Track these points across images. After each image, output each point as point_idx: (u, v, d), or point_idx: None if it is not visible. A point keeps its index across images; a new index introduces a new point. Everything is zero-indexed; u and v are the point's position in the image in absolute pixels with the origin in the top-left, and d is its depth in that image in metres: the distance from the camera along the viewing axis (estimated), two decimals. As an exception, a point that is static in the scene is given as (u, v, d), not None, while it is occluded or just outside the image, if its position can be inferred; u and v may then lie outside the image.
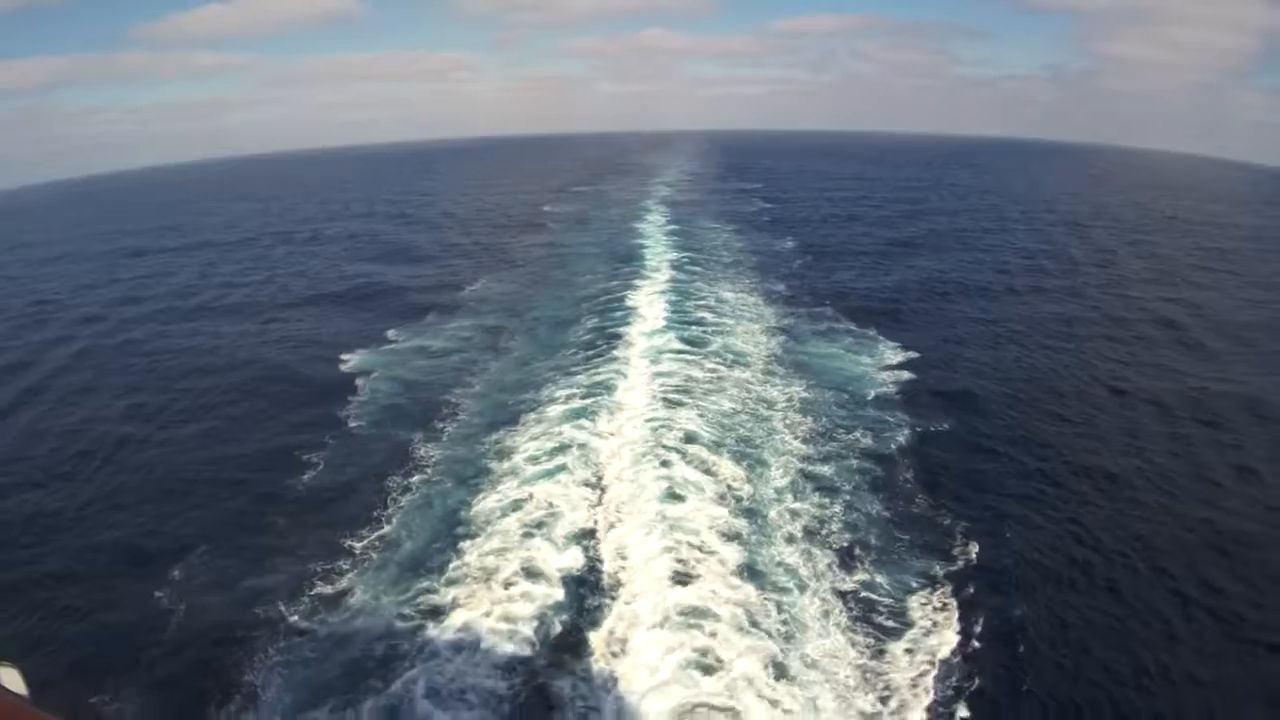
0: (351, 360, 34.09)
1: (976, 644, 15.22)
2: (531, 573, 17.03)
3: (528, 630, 15.18)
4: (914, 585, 17.06)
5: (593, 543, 18.23)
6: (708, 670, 14.05)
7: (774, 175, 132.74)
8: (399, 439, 25.31)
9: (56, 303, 51.87)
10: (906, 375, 30.09)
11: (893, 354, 32.63)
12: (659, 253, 53.84)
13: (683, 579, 16.56)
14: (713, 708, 13.08)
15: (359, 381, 31.12)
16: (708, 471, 21.49)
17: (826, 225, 73.34)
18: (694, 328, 34.90)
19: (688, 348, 31.94)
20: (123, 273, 62.51)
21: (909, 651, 14.91)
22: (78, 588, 18.35)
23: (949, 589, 16.89)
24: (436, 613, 15.85)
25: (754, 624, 15.24)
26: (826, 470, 22.16)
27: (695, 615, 15.37)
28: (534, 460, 22.45)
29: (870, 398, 27.79)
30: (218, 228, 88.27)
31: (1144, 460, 24.25)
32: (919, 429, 25.26)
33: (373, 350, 35.54)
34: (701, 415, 25.07)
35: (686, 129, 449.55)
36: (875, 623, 15.71)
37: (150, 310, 47.94)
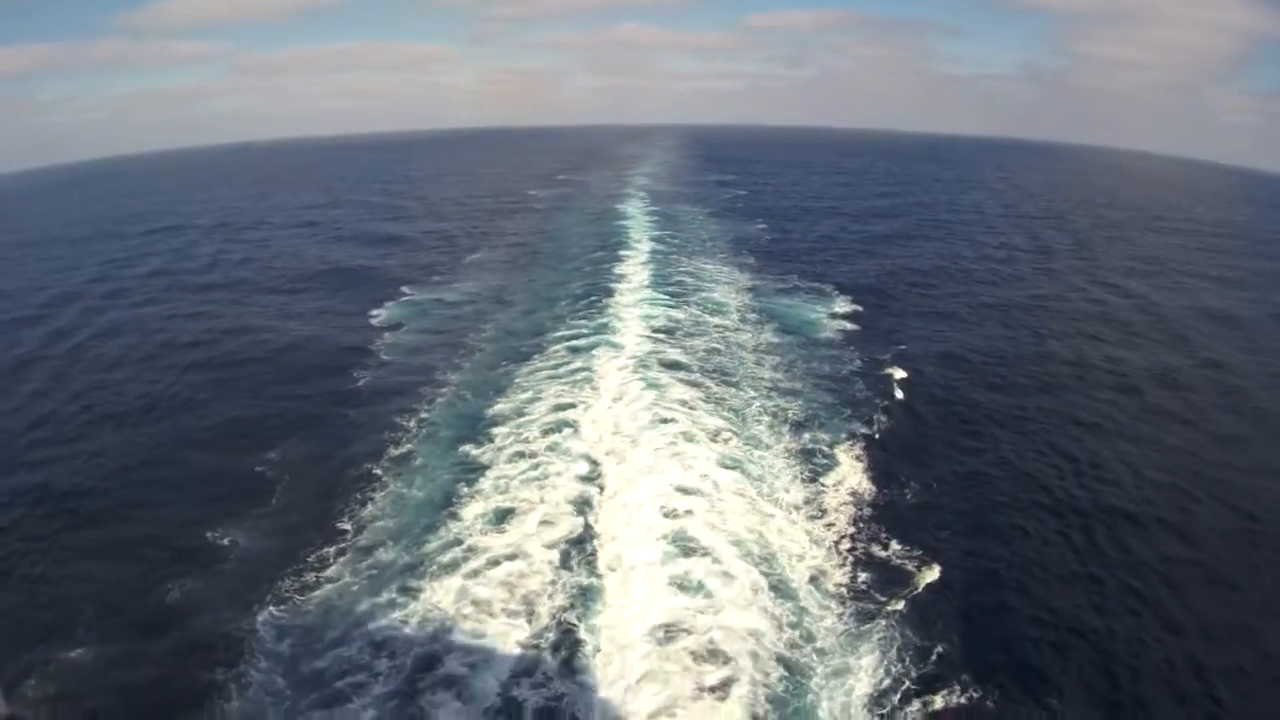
0: (380, 315, 39.25)
1: (881, 476, 21.88)
2: (558, 450, 22.45)
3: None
4: (843, 440, 24.00)
5: (600, 438, 23.35)
6: (689, 492, 19.74)
7: (748, 168, 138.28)
8: (428, 366, 30.77)
9: (121, 264, 55.94)
10: (850, 324, 36.77)
11: (840, 306, 39.39)
12: (641, 229, 59.48)
13: (678, 455, 21.93)
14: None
15: (386, 334, 36.21)
16: (694, 385, 27.02)
17: (792, 210, 79.29)
18: (675, 285, 40.92)
19: (670, 299, 37.73)
20: (160, 247, 65.22)
21: (836, 484, 21.20)
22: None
23: (863, 445, 23.90)
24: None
25: (736, 467, 21.21)
26: (786, 382, 28.51)
27: (691, 489, 20.56)
28: (554, 377, 27.76)
29: (822, 336, 34.41)
30: (222, 212, 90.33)
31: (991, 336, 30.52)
32: (857, 353, 32.09)
33: (396, 304, 40.80)
34: (686, 349, 30.78)
35: (663, 123, 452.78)
36: (816, 463, 22.42)
37: (201, 281, 51.58)
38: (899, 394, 28.34)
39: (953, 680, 14.75)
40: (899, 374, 30.20)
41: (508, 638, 15.15)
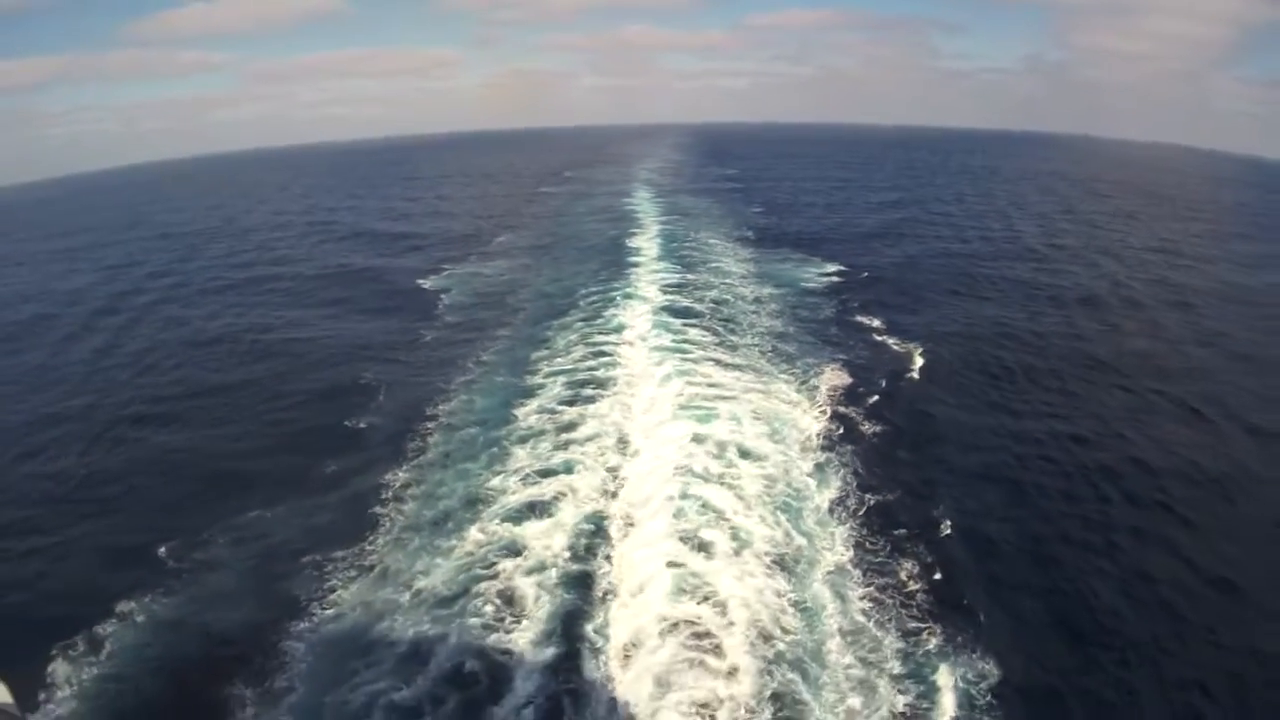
0: (427, 282, 45.50)
1: (857, 409, 26.93)
2: (584, 382, 28.34)
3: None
4: (825, 365, 29.43)
5: (622, 375, 28.11)
6: (709, 415, 25.46)
7: (749, 161, 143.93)
8: (477, 326, 36.52)
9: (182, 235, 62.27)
10: (834, 279, 43.13)
11: (827, 267, 45.77)
12: (650, 215, 65.60)
13: (684, 372, 27.59)
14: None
15: (442, 296, 42.44)
16: (706, 329, 32.86)
17: (787, 197, 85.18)
18: (685, 255, 47.02)
19: (681, 266, 43.80)
20: (216, 248, 72.54)
21: (819, 408, 25.60)
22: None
23: (845, 369, 29.16)
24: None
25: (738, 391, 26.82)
26: (782, 327, 34.28)
27: (705, 395, 26.06)
28: (585, 337, 32.68)
29: (812, 288, 40.87)
30: (270, 211, 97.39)
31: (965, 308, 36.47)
32: (842, 303, 38.26)
33: (441, 276, 47.01)
34: (698, 301, 36.74)
35: (668, 122, 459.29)
36: (808, 384, 27.40)
37: (275, 255, 58.43)
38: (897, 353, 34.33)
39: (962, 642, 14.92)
40: (917, 354, 32.06)
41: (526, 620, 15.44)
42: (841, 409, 25.44)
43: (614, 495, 19.61)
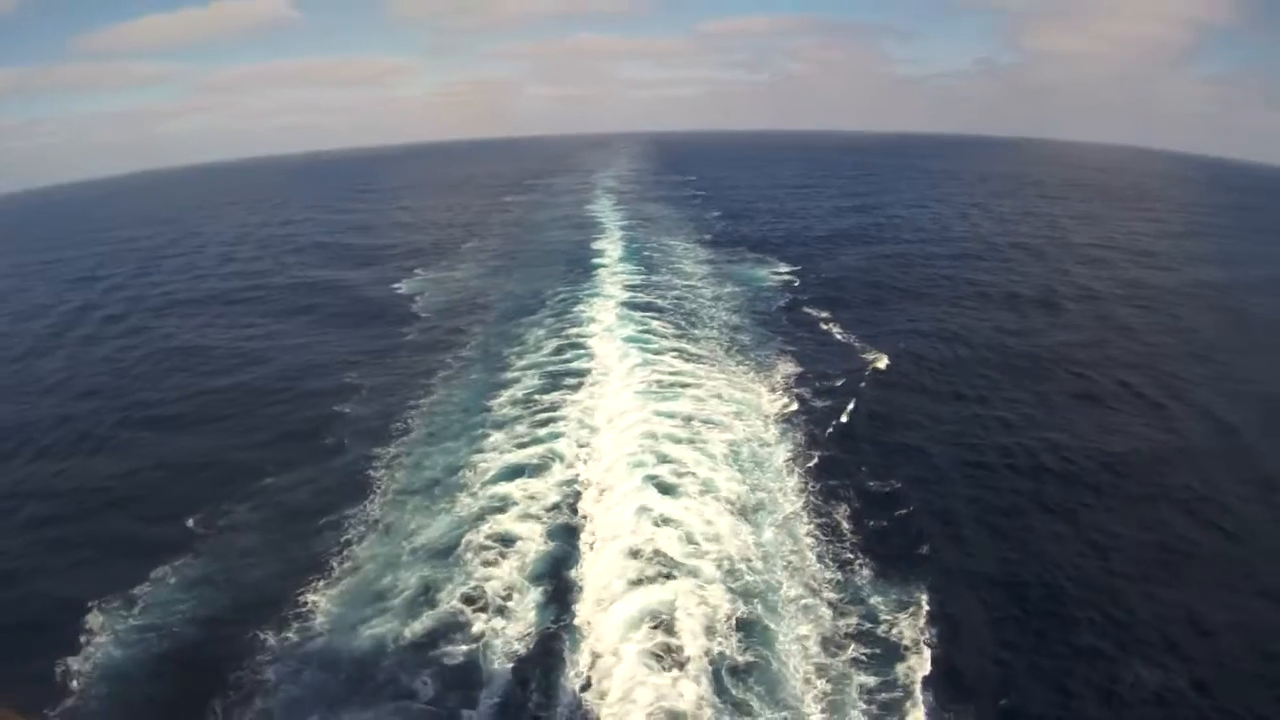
0: (401, 287, 47.40)
1: (809, 391, 29.76)
2: (570, 346, 30.66)
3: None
4: (779, 353, 32.17)
5: (592, 365, 30.42)
6: (677, 395, 27.90)
7: (707, 169, 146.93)
8: (451, 326, 38.44)
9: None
10: (788, 278, 45.90)
11: (782, 267, 48.54)
12: (611, 221, 68.25)
13: (650, 361, 30.05)
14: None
15: (415, 299, 44.34)
16: (670, 323, 35.22)
17: (746, 202, 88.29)
18: (647, 257, 49.57)
19: (643, 268, 46.30)
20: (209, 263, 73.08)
21: (773, 390, 28.31)
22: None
23: (793, 358, 31.67)
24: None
25: (698, 361, 29.39)
26: (738, 319, 37.05)
27: (672, 380, 28.55)
28: (555, 332, 34.97)
29: (765, 286, 43.57)
30: (229, 224, 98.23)
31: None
32: (792, 299, 41.12)
33: (413, 280, 48.94)
34: (660, 298, 39.23)
35: (624, 131, 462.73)
36: (765, 371, 30.05)
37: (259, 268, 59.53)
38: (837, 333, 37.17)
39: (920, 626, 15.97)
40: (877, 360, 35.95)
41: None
42: (797, 390, 28.16)
43: (588, 461, 21.98)
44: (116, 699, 15.12)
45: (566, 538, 18.40)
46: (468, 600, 16.44)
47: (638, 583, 16.63)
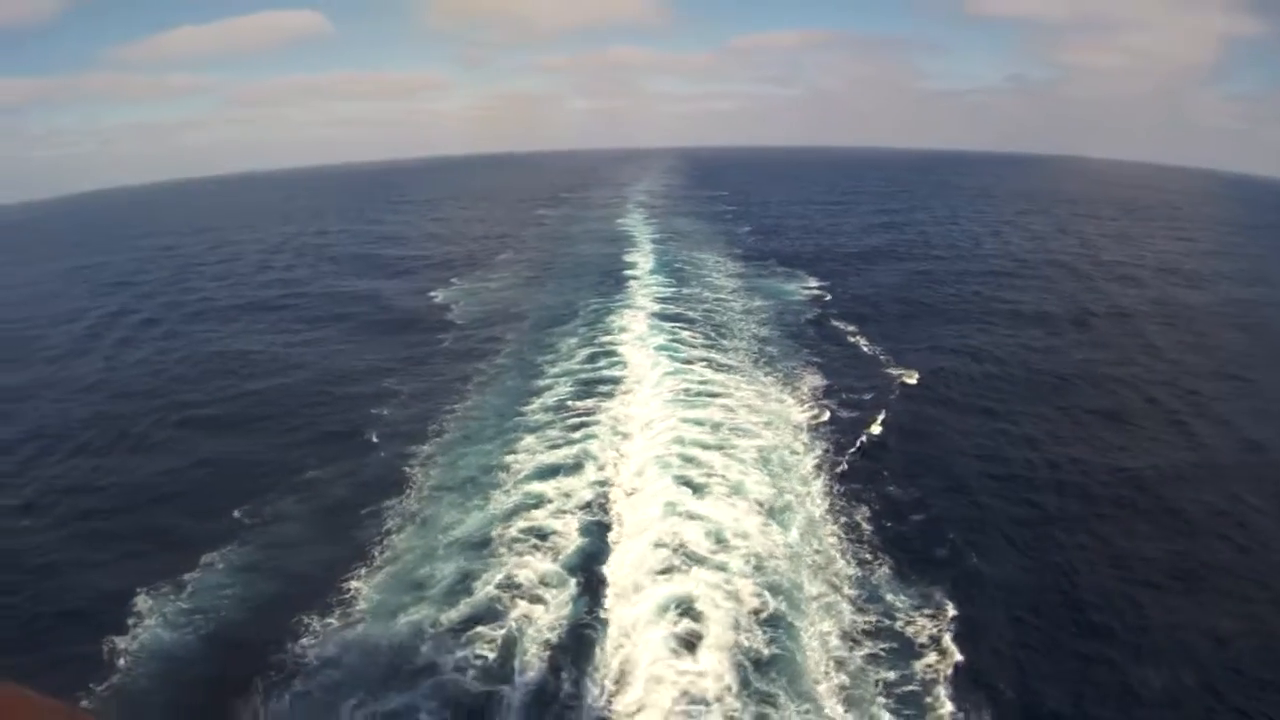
0: (437, 297, 48.57)
1: (839, 405, 30.26)
2: (599, 351, 31.45)
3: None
4: (809, 365, 32.66)
5: (624, 373, 31.36)
6: (707, 404, 28.54)
7: (739, 185, 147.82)
8: (486, 335, 39.43)
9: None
10: (817, 293, 46.32)
11: (812, 282, 48.96)
12: (644, 233, 69.17)
13: (680, 370, 30.71)
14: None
15: (451, 308, 45.47)
16: (700, 334, 35.85)
17: (777, 218, 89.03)
18: (678, 270, 50.30)
19: (674, 280, 47.03)
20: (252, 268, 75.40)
21: (802, 402, 28.76)
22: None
23: (821, 371, 32.12)
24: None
25: (728, 372, 30.02)
26: (767, 332, 37.53)
27: (703, 390, 29.23)
28: (588, 341, 35.74)
29: (794, 300, 44.02)
30: (265, 234, 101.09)
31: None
32: (822, 314, 41.56)
33: (448, 290, 50.12)
34: (690, 310, 39.89)
35: (657, 146, 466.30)
36: (793, 384, 30.37)
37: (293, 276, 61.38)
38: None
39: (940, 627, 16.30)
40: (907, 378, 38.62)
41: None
42: (825, 402, 28.49)
43: (619, 462, 22.54)
44: (163, 677, 15.85)
45: (598, 532, 18.98)
46: (503, 589, 17.04)
47: (666, 574, 17.17)
